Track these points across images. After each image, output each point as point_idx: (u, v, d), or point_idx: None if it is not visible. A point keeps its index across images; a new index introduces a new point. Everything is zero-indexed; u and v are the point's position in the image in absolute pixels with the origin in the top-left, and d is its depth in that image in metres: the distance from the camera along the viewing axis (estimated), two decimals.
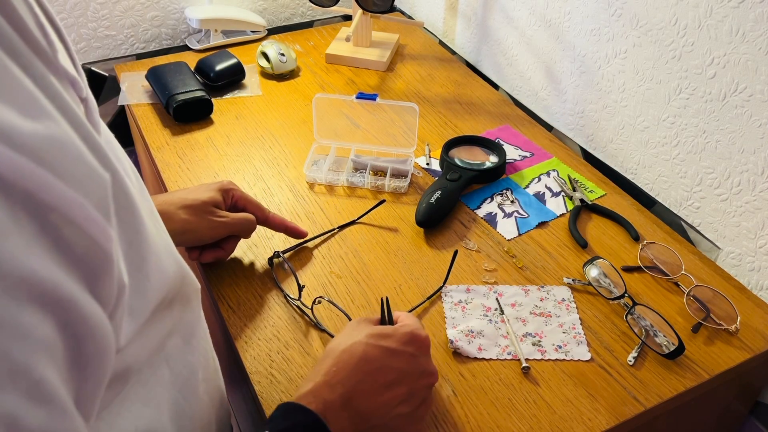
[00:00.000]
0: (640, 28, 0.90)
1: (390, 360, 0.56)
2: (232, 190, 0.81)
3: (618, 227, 0.91)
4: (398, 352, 0.57)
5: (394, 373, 0.56)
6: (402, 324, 0.62)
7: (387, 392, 0.55)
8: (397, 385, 0.56)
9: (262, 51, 1.23)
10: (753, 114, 0.78)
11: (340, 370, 0.54)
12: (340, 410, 0.52)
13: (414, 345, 0.58)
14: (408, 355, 0.57)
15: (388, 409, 0.55)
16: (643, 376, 0.72)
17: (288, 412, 0.52)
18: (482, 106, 1.16)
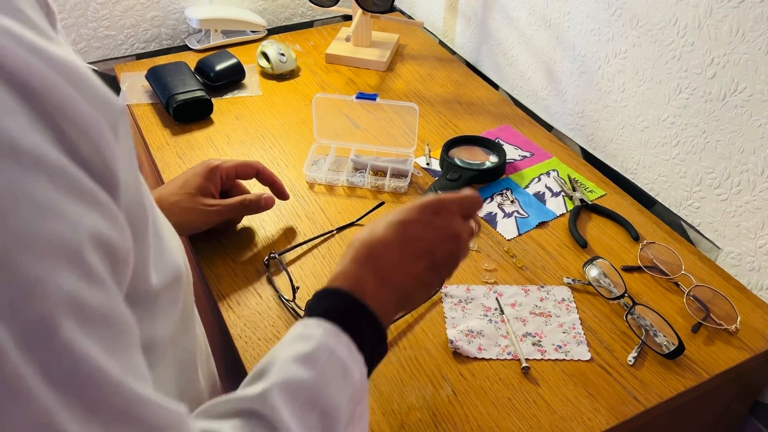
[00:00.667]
0: (640, 28, 0.90)
1: (415, 230, 0.55)
2: (217, 169, 0.81)
3: (618, 227, 0.91)
4: (423, 222, 0.56)
5: (421, 244, 0.55)
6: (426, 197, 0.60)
7: (417, 261, 0.55)
8: (425, 254, 0.55)
9: (262, 51, 1.23)
10: (753, 114, 0.78)
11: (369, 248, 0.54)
12: (374, 283, 0.52)
13: (439, 208, 0.57)
14: (432, 225, 0.56)
15: (417, 277, 0.55)
16: (643, 376, 0.72)
17: (323, 297, 0.52)
18: (482, 106, 1.16)
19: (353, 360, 0.48)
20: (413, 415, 0.67)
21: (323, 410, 0.45)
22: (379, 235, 0.54)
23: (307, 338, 0.47)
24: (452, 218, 0.57)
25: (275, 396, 0.43)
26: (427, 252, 0.55)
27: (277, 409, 0.42)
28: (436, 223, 0.56)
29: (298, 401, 0.44)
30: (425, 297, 0.59)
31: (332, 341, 0.47)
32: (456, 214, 0.58)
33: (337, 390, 0.46)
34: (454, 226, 0.57)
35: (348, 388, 0.47)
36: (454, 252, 0.57)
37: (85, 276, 0.29)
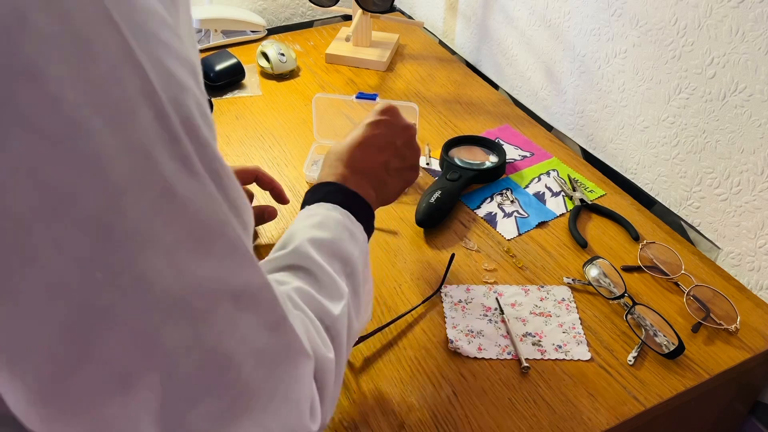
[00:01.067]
0: (640, 28, 0.90)
1: (373, 129, 0.68)
2: None
3: (618, 227, 0.91)
4: (377, 122, 0.69)
5: (380, 138, 0.68)
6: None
7: (381, 153, 0.68)
8: (386, 146, 0.68)
9: (262, 51, 1.23)
10: (753, 114, 0.78)
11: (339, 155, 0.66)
12: (351, 175, 0.65)
13: (386, 113, 0.70)
14: (386, 121, 0.69)
15: (386, 165, 0.68)
16: (643, 376, 0.72)
17: (314, 189, 0.63)
18: (482, 106, 1.16)
19: (355, 226, 0.60)
20: (413, 416, 0.67)
21: (344, 260, 0.56)
22: (345, 143, 0.67)
23: (314, 215, 0.59)
24: (399, 114, 0.71)
25: (307, 249, 0.54)
26: (388, 143, 0.69)
27: (311, 257, 0.53)
28: (388, 121, 0.70)
29: (324, 252, 0.55)
30: (401, 183, 0.71)
31: (335, 213, 0.59)
32: (398, 111, 0.72)
33: (350, 246, 0.57)
34: (402, 120, 0.71)
35: (356, 246, 0.58)
36: (410, 139, 0.71)
37: (199, 87, 0.36)
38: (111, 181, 0.31)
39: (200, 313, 0.35)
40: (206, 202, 0.35)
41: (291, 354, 0.42)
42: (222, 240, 0.37)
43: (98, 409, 0.34)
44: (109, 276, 0.32)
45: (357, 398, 0.69)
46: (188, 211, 0.34)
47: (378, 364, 0.72)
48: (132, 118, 0.31)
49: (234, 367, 0.38)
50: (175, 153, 0.33)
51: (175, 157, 0.33)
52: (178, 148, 0.33)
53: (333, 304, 0.52)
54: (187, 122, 0.34)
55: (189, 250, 0.34)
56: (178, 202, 0.34)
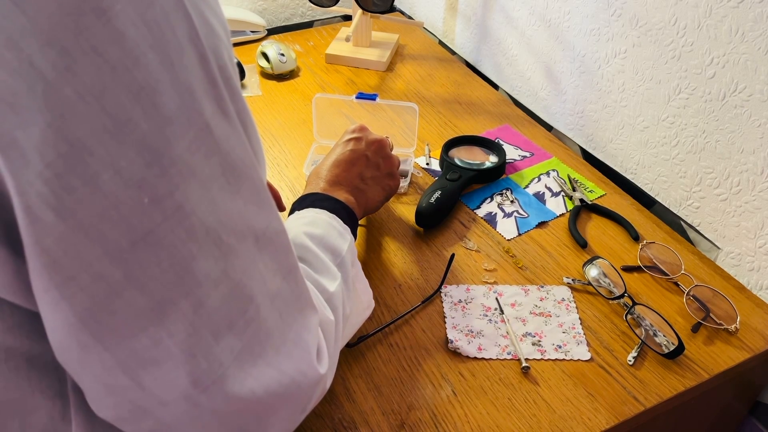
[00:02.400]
0: (640, 28, 0.91)
1: (344, 147, 0.79)
2: None
3: (618, 227, 0.91)
4: (347, 140, 0.80)
5: (351, 153, 0.78)
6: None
7: (354, 166, 0.77)
8: (358, 159, 0.78)
9: (261, 51, 1.23)
10: (752, 114, 0.78)
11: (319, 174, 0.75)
12: (330, 187, 0.73)
13: (356, 131, 0.81)
14: (354, 138, 0.80)
15: (361, 176, 0.77)
16: (642, 376, 0.72)
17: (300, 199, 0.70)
18: (482, 106, 1.16)
19: (342, 227, 0.66)
20: (413, 415, 0.67)
21: (334, 252, 0.61)
22: (322, 164, 0.77)
23: (304, 216, 0.65)
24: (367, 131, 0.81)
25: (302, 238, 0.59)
26: (359, 156, 0.78)
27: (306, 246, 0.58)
28: (357, 137, 0.80)
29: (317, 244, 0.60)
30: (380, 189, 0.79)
31: (323, 215, 0.66)
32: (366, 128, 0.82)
33: (339, 241, 0.63)
34: (371, 135, 0.81)
35: (345, 242, 0.63)
36: (380, 150, 0.80)
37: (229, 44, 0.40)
38: (161, 111, 0.34)
39: (228, 247, 0.38)
40: (237, 145, 0.39)
41: (301, 302, 0.45)
42: (249, 182, 0.40)
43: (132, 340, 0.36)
44: (154, 200, 0.35)
45: (357, 398, 0.69)
46: (222, 150, 0.38)
47: (378, 364, 0.72)
48: (181, 58, 0.35)
49: (254, 305, 0.40)
50: (213, 95, 0.37)
51: (213, 98, 0.37)
52: (216, 91, 0.37)
53: (328, 282, 0.56)
54: (223, 70, 0.38)
55: (221, 185, 0.38)
56: (215, 139, 0.37)
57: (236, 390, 0.40)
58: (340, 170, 0.75)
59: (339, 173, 0.75)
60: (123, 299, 0.35)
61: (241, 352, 0.40)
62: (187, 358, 0.38)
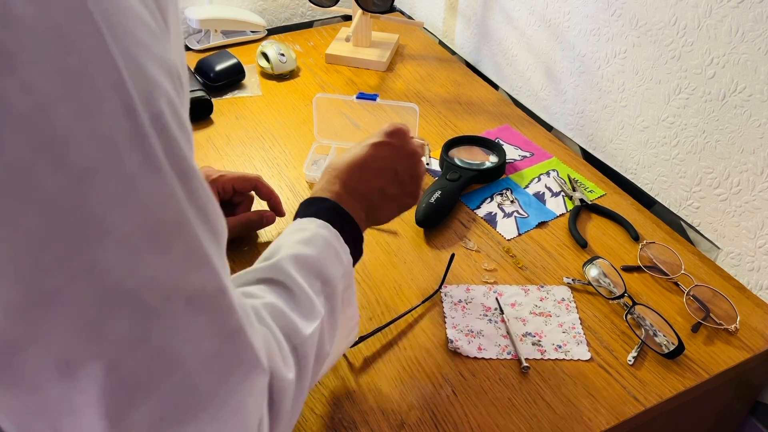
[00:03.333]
0: (640, 28, 0.91)
1: (376, 150, 0.67)
2: (214, 183, 0.82)
3: (618, 227, 0.91)
4: (381, 144, 0.67)
5: (381, 161, 0.66)
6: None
7: (378, 177, 0.66)
8: (385, 170, 0.67)
9: (262, 51, 1.23)
10: (752, 114, 0.79)
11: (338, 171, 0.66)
12: (345, 195, 0.64)
13: (395, 135, 0.68)
14: (390, 144, 0.67)
15: (382, 190, 0.66)
16: (642, 376, 0.72)
17: (307, 203, 0.63)
18: (482, 106, 1.16)
19: (342, 248, 0.59)
20: (413, 415, 0.67)
21: (325, 280, 0.55)
22: (346, 159, 0.66)
23: (304, 230, 0.59)
24: (407, 138, 0.69)
25: (287, 264, 0.54)
26: (388, 168, 0.67)
27: (289, 273, 0.53)
28: (393, 144, 0.68)
29: (305, 270, 0.54)
30: (395, 209, 0.69)
31: (325, 232, 0.59)
32: (407, 135, 0.69)
33: (334, 266, 0.57)
34: (409, 145, 0.69)
35: (340, 267, 0.58)
36: (413, 166, 0.69)
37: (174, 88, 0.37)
38: (73, 165, 0.32)
39: (150, 310, 0.36)
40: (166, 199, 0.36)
41: (244, 366, 0.41)
42: (179, 239, 0.37)
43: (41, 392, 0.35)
44: (60, 259, 0.33)
45: (357, 398, 0.69)
46: (147, 206, 0.35)
47: (378, 364, 0.72)
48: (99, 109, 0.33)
49: (182, 370, 0.37)
50: (139, 146, 0.34)
51: (140, 150, 0.34)
52: (143, 142, 0.34)
53: (305, 323, 0.51)
54: (156, 119, 0.35)
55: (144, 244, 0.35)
56: (138, 195, 0.34)
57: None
58: (361, 177, 0.65)
59: (359, 182, 0.65)
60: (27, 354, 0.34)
61: (166, 417, 0.37)
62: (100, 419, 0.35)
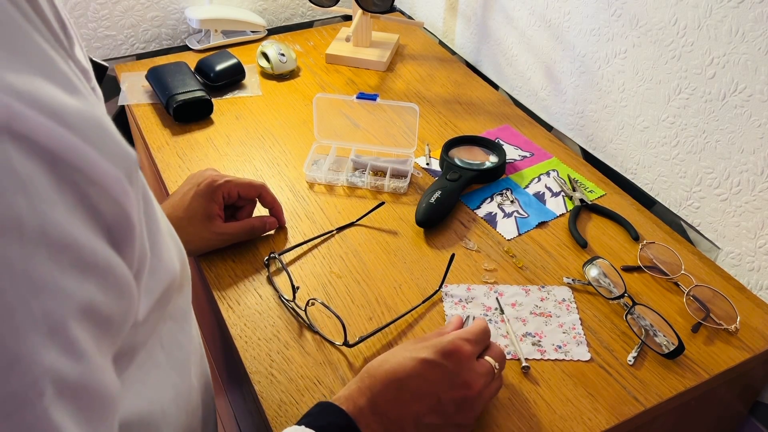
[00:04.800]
0: (640, 28, 0.91)
1: (422, 370, 0.56)
2: (219, 189, 0.81)
3: (618, 227, 0.91)
4: (432, 363, 0.56)
5: (425, 384, 0.55)
6: (446, 334, 0.60)
7: (418, 402, 0.55)
8: (426, 395, 0.55)
9: (262, 51, 1.23)
10: (752, 114, 0.79)
11: (373, 380, 0.55)
12: (369, 415, 0.54)
13: (451, 358, 0.57)
14: (443, 367, 0.56)
15: (417, 419, 0.55)
16: (642, 376, 0.72)
17: (324, 411, 0.54)
18: (482, 106, 1.16)
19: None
20: None
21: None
22: (386, 367, 0.56)
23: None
24: (464, 363, 0.57)
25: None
26: (430, 394, 0.55)
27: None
28: (446, 368, 0.56)
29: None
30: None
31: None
32: (470, 358, 0.57)
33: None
34: (464, 373, 0.57)
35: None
36: (463, 398, 0.57)
37: (67, 350, 0.29)
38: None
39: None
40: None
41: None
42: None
43: None
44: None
45: None
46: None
47: None
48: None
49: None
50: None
51: None
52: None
53: None
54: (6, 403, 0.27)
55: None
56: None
57: None
58: (396, 397, 0.55)
59: (392, 403, 0.54)
60: None
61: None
62: None
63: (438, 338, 0.59)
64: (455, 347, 0.57)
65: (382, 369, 0.56)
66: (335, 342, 0.74)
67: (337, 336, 0.74)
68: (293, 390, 0.69)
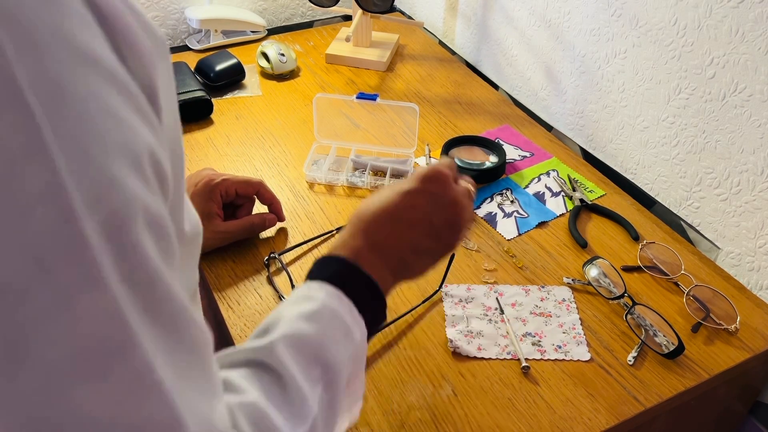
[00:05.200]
0: (640, 28, 0.91)
1: (409, 200, 0.57)
2: (217, 187, 0.81)
3: (618, 227, 0.91)
4: (417, 190, 0.57)
5: (415, 212, 0.57)
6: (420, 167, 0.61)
7: (411, 230, 0.56)
8: (419, 222, 0.57)
9: (262, 51, 1.23)
10: (752, 114, 0.79)
11: (363, 222, 0.56)
12: (368, 253, 0.54)
13: (432, 182, 0.58)
14: (428, 192, 0.57)
15: (414, 246, 0.57)
16: (642, 376, 0.72)
17: (323, 264, 0.54)
18: (482, 106, 1.16)
19: (354, 321, 0.50)
20: (413, 415, 0.67)
21: (326, 364, 0.47)
22: (373, 207, 0.57)
23: (310, 299, 0.50)
24: (447, 185, 0.59)
25: (281, 348, 0.46)
26: (423, 220, 0.57)
27: (282, 359, 0.45)
28: (430, 193, 0.57)
29: (303, 354, 0.46)
30: (431, 262, 0.59)
31: (335, 303, 0.50)
32: (450, 179, 0.59)
33: (339, 347, 0.49)
34: (449, 193, 0.58)
35: (349, 346, 0.50)
36: (453, 217, 0.58)
37: (146, 184, 0.32)
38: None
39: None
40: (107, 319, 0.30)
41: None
42: (122, 364, 0.31)
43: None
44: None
45: None
46: (81, 327, 0.30)
47: (378, 364, 0.72)
48: (25, 219, 0.28)
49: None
50: (75, 258, 0.29)
51: (74, 262, 0.29)
52: (82, 253, 0.29)
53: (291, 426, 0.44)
54: (106, 224, 0.30)
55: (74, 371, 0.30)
56: (70, 314, 0.29)
57: None
58: (390, 230, 0.56)
59: (387, 235, 0.56)
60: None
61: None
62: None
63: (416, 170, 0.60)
64: (434, 170, 0.59)
65: (371, 210, 0.57)
66: None
67: None
68: None
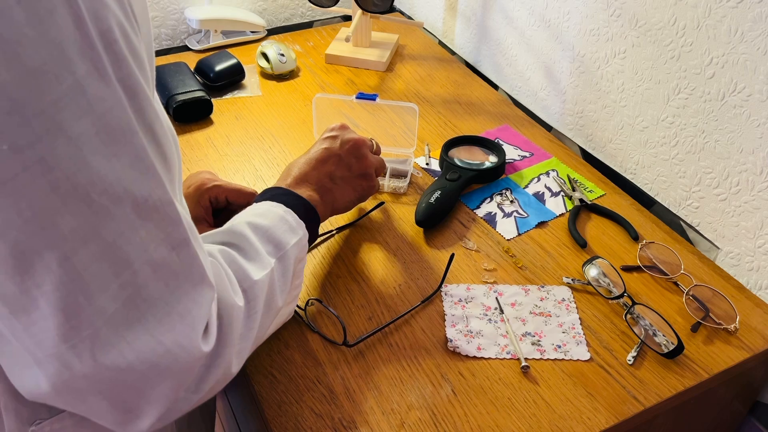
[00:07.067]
0: (639, 28, 0.91)
1: (320, 145, 0.79)
2: (208, 192, 0.79)
3: (617, 227, 0.91)
4: (323, 138, 0.80)
5: (324, 152, 0.77)
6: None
7: (324, 165, 0.76)
8: (329, 158, 0.77)
9: (261, 51, 1.23)
10: (752, 114, 0.79)
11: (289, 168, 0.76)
12: (296, 184, 0.73)
13: (334, 129, 0.80)
14: (333, 137, 0.79)
15: (330, 175, 0.77)
16: (642, 376, 0.72)
17: (264, 193, 0.71)
18: (482, 106, 1.16)
19: (296, 222, 0.66)
20: (413, 415, 0.67)
21: (277, 243, 0.61)
22: (295, 160, 0.77)
23: (257, 207, 0.66)
24: (346, 129, 0.81)
25: (242, 228, 0.60)
26: (331, 155, 0.77)
27: (243, 235, 0.59)
28: (333, 135, 0.80)
29: (257, 234, 0.60)
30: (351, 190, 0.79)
31: (278, 209, 0.66)
32: (345, 126, 0.81)
33: (286, 235, 0.63)
34: (348, 133, 0.80)
35: (294, 236, 0.64)
36: (355, 150, 0.79)
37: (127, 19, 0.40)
38: (25, 63, 0.35)
39: (100, 208, 0.39)
40: (114, 107, 0.39)
41: (194, 276, 0.45)
42: (129, 147, 0.40)
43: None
44: (14, 149, 0.36)
45: (357, 398, 0.69)
46: (96, 111, 0.38)
47: (378, 364, 0.72)
48: (51, 16, 0.35)
49: (130, 270, 0.41)
50: (87, 55, 0.37)
51: (87, 58, 0.37)
52: (91, 52, 0.37)
53: (255, 271, 0.55)
54: (104, 35, 0.38)
55: (95, 146, 0.38)
56: (87, 100, 0.37)
57: (106, 351, 0.41)
58: (309, 168, 0.75)
59: (308, 171, 0.75)
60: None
61: (114, 315, 0.40)
62: (55, 312, 0.38)
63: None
64: (336, 125, 0.82)
65: (294, 163, 0.76)
66: (335, 342, 0.74)
67: (336, 336, 0.74)
68: (293, 390, 0.69)
